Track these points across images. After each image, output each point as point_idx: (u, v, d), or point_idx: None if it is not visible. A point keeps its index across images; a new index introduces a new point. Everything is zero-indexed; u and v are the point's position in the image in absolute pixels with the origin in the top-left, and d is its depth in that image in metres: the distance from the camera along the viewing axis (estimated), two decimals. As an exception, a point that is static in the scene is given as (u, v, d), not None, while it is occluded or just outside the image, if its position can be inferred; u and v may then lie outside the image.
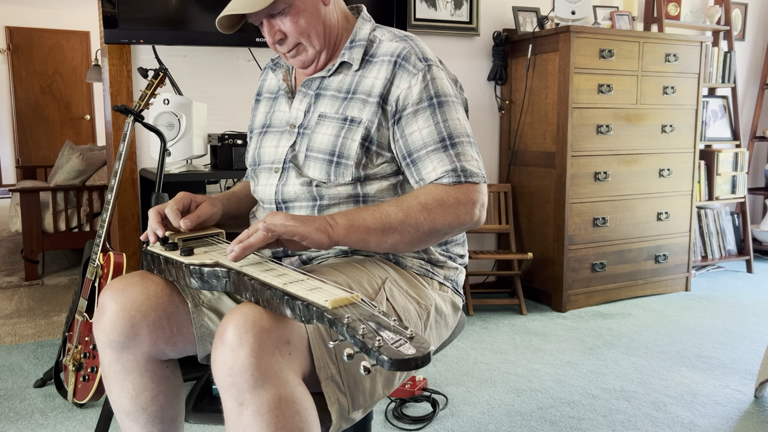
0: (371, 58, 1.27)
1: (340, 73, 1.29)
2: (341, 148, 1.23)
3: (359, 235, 1.12)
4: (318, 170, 1.25)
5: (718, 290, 3.71)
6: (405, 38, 1.28)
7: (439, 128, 1.21)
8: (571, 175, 3.19)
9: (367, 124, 1.22)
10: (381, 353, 0.76)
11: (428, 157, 1.20)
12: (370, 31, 1.31)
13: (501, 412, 2.12)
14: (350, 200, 1.25)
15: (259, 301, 0.99)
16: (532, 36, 3.31)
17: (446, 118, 1.22)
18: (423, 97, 1.22)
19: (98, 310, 1.18)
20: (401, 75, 1.23)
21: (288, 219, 1.07)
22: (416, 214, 1.14)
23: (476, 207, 1.19)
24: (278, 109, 1.37)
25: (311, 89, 1.31)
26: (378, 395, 1.13)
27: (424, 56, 1.25)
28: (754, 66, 4.60)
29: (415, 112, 1.22)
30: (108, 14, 2.39)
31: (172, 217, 1.21)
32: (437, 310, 1.28)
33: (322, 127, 1.26)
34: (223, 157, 2.40)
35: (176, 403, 1.26)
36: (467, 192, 1.18)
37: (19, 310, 3.23)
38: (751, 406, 2.18)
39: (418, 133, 1.21)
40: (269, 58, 3.06)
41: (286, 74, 1.39)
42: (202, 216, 1.26)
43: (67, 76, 8.29)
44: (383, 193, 1.26)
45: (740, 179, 4.14)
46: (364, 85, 1.25)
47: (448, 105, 1.23)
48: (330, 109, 1.27)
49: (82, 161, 4.02)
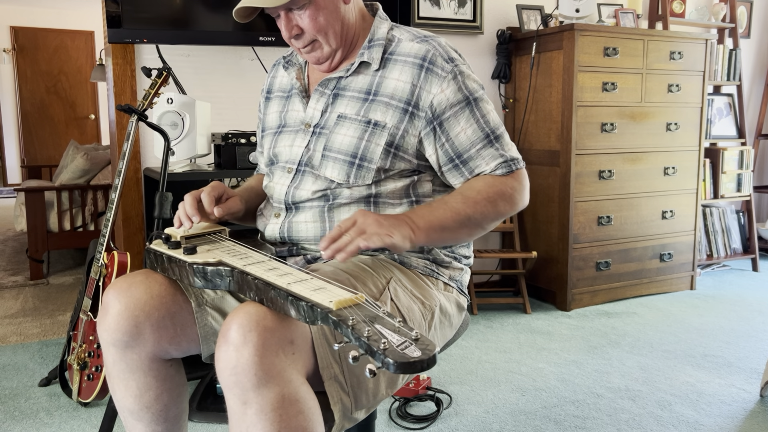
0: (391, 56, 1.26)
1: (359, 74, 1.28)
2: (364, 151, 1.22)
3: (436, 234, 1.16)
4: (337, 171, 1.24)
5: (723, 289, 3.70)
6: (426, 39, 1.27)
7: (481, 125, 1.25)
8: (575, 174, 3.19)
9: (392, 130, 1.23)
10: (386, 356, 0.76)
11: (479, 155, 1.24)
12: (388, 30, 1.30)
13: (505, 411, 2.12)
14: (362, 200, 1.25)
15: (263, 300, 0.99)
16: (536, 34, 3.30)
17: (483, 113, 1.26)
18: (459, 98, 1.24)
19: (102, 309, 1.19)
20: (431, 80, 1.23)
21: (380, 226, 1.07)
22: (482, 208, 1.20)
23: (527, 190, 1.28)
24: (292, 108, 1.36)
25: (328, 89, 1.29)
26: (381, 395, 1.13)
27: (449, 56, 1.25)
28: (760, 63, 4.58)
29: (455, 114, 1.23)
30: (112, 14, 2.39)
31: (207, 203, 1.24)
32: (442, 311, 1.28)
33: (342, 128, 1.25)
34: (227, 157, 2.40)
35: (180, 402, 1.26)
36: (520, 179, 1.26)
37: (24, 310, 3.24)
38: (757, 405, 2.17)
39: (464, 134, 1.24)
40: (273, 57, 3.06)
41: (300, 72, 1.37)
42: (233, 209, 1.30)
43: (71, 75, 8.31)
44: (395, 194, 1.26)
45: (746, 177, 4.13)
46: (386, 86, 1.25)
47: (483, 100, 1.27)
48: (350, 110, 1.26)
49: (87, 161, 4.03)
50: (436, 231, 1.15)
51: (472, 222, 1.19)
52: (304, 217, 1.27)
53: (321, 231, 1.25)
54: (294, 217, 1.28)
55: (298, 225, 1.27)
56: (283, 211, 1.31)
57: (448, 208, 1.17)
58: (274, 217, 1.32)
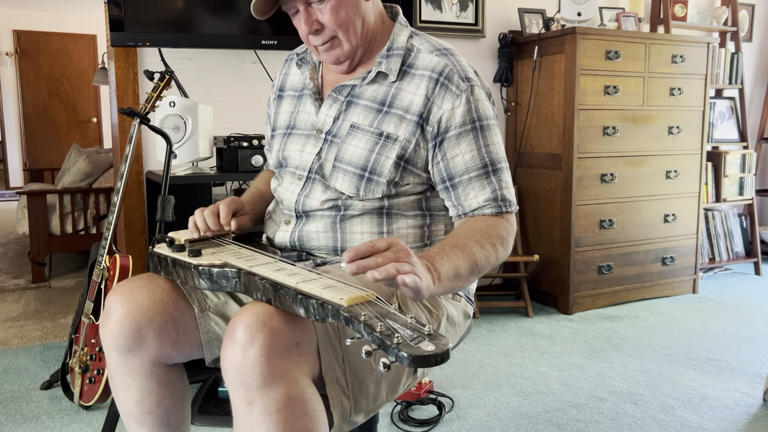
0: (409, 69, 1.23)
1: (375, 83, 1.24)
2: (374, 164, 1.20)
3: (450, 284, 1.05)
4: (347, 183, 1.22)
5: (726, 292, 3.69)
6: (445, 53, 1.24)
7: (482, 153, 1.20)
8: (577, 177, 3.18)
9: (403, 143, 1.20)
10: (400, 350, 0.75)
11: (470, 184, 1.20)
12: (408, 38, 1.26)
13: (507, 415, 2.11)
14: (374, 212, 1.23)
15: (270, 300, 0.98)
16: (538, 38, 3.30)
17: (488, 143, 1.21)
18: (466, 120, 1.19)
19: (104, 313, 1.18)
20: (444, 95, 1.19)
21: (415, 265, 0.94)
22: (487, 253, 1.12)
23: (513, 237, 1.21)
24: (303, 110, 1.33)
25: (342, 95, 1.26)
26: (381, 400, 1.12)
27: (466, 75, 1.21)
28: (762, 67, 4.58)
29: (458, 135, 1.19)
30: (114, 17, 2.40)
31: (224, 214, 1.23)
32: (449, 320, 1.27)
33: (354, 138, 1.22)
34: (229, 160, 2.40)
35: (182, 407, 1.26)
36: (513, 222, 1.22)
37: (26, 313, 3.24)
38: (760, 410, 2.17)
39: (461, 158, 1.20)
40: (275, 60, 3.06)
41: (313, 72, 1.33)
42: (243, 226, 1.30)
43: (74, 79, 8.32)
44: (407, 207, 1.24)
45: (748, 181, 4.12)
46: (402, 99, 1.21)
47: (490, 129, 1.21)
48: (363, 120, 1.23)
49: (89, 164, 4.03)
50: (451, 280, 1.05)
51: (478, 268, 1.11)
52: (315, 227, 1.26)
53: (333, 241, 1.25)
54: (305, 225, 1.27)
55: (309, 234, 1.26)
56: (294, 219, 1.30)
57: (469, 256, 1.08)
58: (284, 224, 1.31)
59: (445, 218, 1.30)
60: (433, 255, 1.05)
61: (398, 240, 0.97)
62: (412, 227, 1.25)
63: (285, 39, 2.60)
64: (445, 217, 1.30)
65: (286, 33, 2.58)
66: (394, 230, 1.24)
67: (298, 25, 1.23)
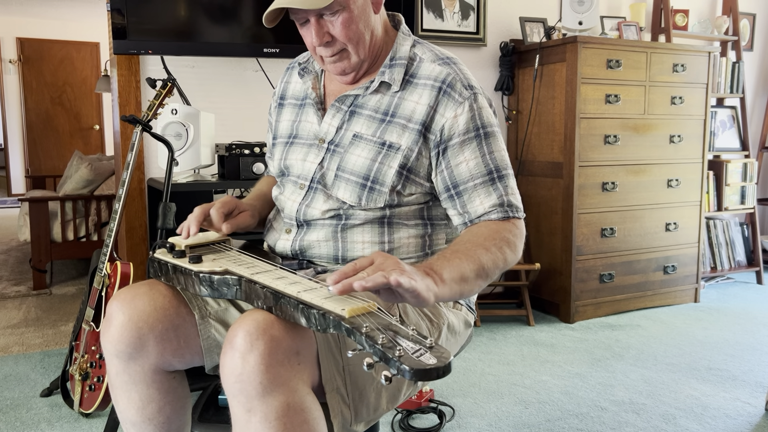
0: (412, 79, 1.23)
1: (377, 93, 1.24)
2: (377, 173, 1.20)
3: (458, 287, 1.04)
4: (349, 193, 1.22)
5: (727, 301, 3.68)
6: (448, 61, 1.24)
7: (486, 161, 1.19)
8: (578, 186, 3.18)
9: (406, 152, 1.19)
10: (402, 363, 0.75)
11: (476, 191, 1.19)
12: (410, 47, 1.26)
13: (508, 424, 2.10)
14: (375, 222, 1.23)
15: (271, 309, 0.98)
16: (539, 46, 3.31)
17: (492, 150, 1.20)
18: (470, 128, 1.19)
19: (105, 320, 1.18)
20: (446, 103, 1.19)
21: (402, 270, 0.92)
22: (493, 256, 1.11)
23: (523, 241, 1.19)
24: (305, 119, 1.32)
25: (345, 105, 1.26)
26: (382, 410, 1.12)
27: (469, 84, 1.21)
28: (763, 76, 4.59)
29: (461, 143, 1.19)
30: (117, 25, 2.41)
31: (216, 218, 1.23)
32: (450, 328, 1.26)
33: (357, 148, 1.22)
34: (231, 167, 2.41)
35: (183, 414, 1.25)
36: (520, 227, 1.19)
37: (26, 320, 3.24)
38: (762, 419, 2.16)
39: (465, 165, 1.19)
40: (277, 68, 3.07)
41: (315, 82, 1.33)
42: (242, 225, 1.29)
43: (76, 86, 8.36)
44: (409, 216, 1.24)
45: (749, 190, 4.12)
46: (405, 108, 1.21)
47: (494, 136, 1.21)
48: (366, 130, 1.23)
49: (91, 171, 4.04)
50: (457, 283, 1.03)
51: (485, 271, 1.09)
52: (316, 236, 1.26)
53: (334, 251, 1.24)
54: (306, 234, 1.27)
55: (310, 243, 1.26)
56: (295, 228, 1.29)
57: (474, 260, 1.07)
58: (285, 232, 1.31)
59: (446, 228, 1.29)
60: (432, 261, 1.05)
61: (381, 252, 0.97)
62: (413, 236, 1.25)
63: (287, 47, 2.61)
64: (447, 227, 1.30)
65: (288, 41, 2.60)
66: (395, 239, 1.24)
67: (305, 35, 1.22)
